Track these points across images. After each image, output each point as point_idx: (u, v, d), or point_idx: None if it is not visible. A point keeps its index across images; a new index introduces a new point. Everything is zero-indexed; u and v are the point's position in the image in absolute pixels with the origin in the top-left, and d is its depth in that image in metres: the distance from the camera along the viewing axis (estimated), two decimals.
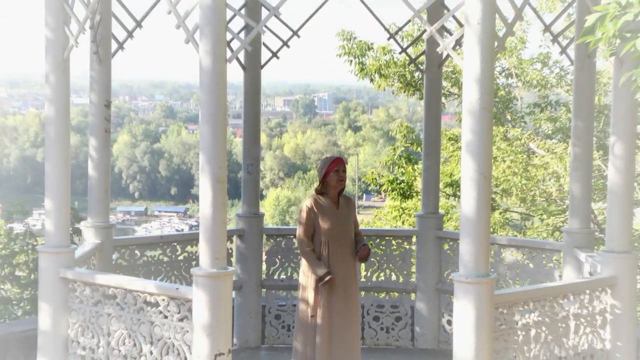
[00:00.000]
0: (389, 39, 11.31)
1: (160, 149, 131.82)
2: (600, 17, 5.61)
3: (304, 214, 8.63)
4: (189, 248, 10.12)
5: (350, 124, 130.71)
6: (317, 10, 10.29)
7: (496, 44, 6.72)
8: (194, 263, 9.82)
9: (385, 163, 25.11)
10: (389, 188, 23.19)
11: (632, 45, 5.52)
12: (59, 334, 7.72)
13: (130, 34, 8.90)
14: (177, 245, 10.16)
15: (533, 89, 20.67)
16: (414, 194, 21.83)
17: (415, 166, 22.02)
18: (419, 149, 21.18)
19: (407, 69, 20.37)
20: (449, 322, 10.18)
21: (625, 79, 6.81)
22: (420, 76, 19.37)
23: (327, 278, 8.44)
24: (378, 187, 25.16)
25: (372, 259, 9.85)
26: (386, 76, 20.93)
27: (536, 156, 20.05)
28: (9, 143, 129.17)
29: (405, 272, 10.69)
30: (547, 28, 8.98)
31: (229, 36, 7.08)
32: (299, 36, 10.04)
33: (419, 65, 11.54)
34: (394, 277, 10.69)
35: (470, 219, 6.71)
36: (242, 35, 9.58)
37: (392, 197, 23.16)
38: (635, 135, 8.14)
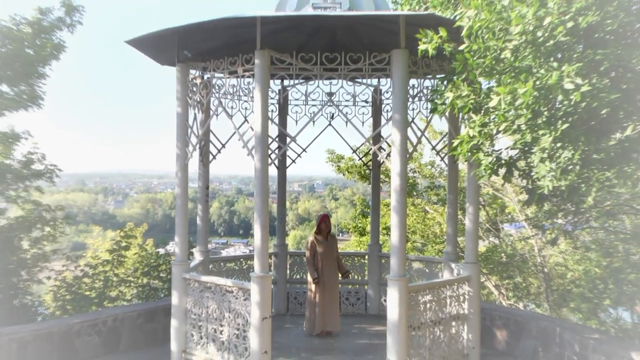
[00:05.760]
0: (352, 152, 11.38)
1: (234, 210, 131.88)
2: (460, 142, 5.67)
3: (309, 245, 8.66)
4: (249, 262, 10.05)
5: (333, 197, 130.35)
6: (315, 138, 10.35)
7: (408, 156, 6.79)
8: (251, 270, 9.77)
9: (351, 217, 25.00)
10: (353, 230, 23.08)
11: (476, 157, 5.58)
12: (184, 308, 7.63)
13: (219, 151, 8.94)
14: (243, 260, 10.09)
15: (426, 179, 20.68)
16: (367, 233, 21.67)
17: (367, 219, 21.92)
18: (369, 210, 21.09)
19: (362, 169, 20.35)
20: (385, 300, 10.08)
21: (472, 173, 6.87)
22: (369, 172, 19.41)
23: (315, 280, 8.46)
24: (347, 229, 25.01)
25: (346, 269, 9.72)
26: (351, 172, 20.89)
27: (429, 213, 20.01)
28: (157, 208, 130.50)
29: (362, 274, 10.61)
30: (433, 147, 9.04)
31: (269, 151, 7.14)
32: (306, 151, 10.10)
33: (369, 167, 11.55)
34: (356, 277, 10.60)
35: (395, 246, 6.70)
36: (276, 150, 9.62)
37: (355, 235, 23.01)
38: (478, 202, 8.16)
